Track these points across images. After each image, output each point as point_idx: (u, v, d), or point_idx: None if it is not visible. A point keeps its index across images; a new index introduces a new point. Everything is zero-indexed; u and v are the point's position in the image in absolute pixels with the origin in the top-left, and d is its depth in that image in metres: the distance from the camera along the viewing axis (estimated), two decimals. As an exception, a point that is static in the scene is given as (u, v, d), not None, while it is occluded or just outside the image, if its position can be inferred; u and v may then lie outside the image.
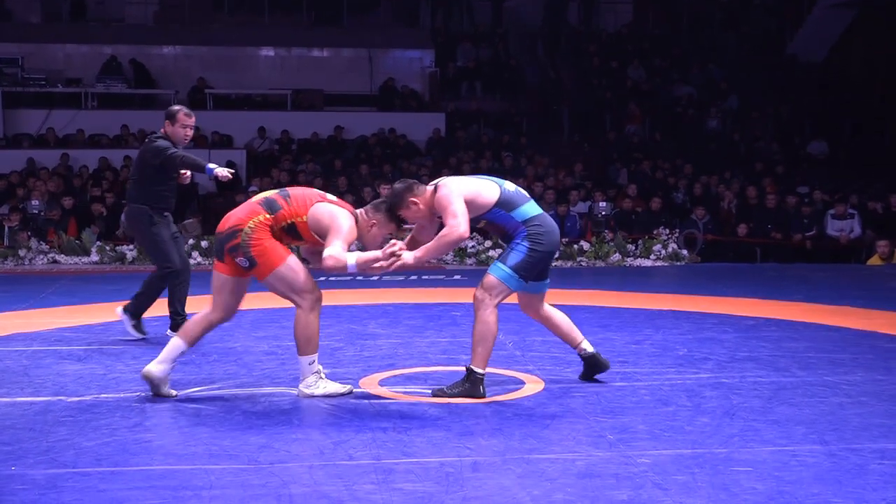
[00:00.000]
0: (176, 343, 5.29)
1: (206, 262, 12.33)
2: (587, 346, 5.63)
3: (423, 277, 10.78)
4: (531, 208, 5.33)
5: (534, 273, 5.30)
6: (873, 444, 4.40)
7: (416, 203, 5.24)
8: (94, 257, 12.35)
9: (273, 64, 21.12)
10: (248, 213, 5.15)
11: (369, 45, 20.81)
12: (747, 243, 13.96)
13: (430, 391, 5.38)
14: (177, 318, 6.95)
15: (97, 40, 20.41)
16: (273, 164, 16.96)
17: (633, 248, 12.94)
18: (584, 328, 7.30)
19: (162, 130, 7.02)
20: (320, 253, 5.16)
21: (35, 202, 13.83)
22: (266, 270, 5.10)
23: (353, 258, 5.00)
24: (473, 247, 12.54)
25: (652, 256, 12.73)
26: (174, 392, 5.32)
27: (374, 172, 16.34)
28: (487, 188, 5.28)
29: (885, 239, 12.90)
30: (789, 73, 21.30)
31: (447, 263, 12.33)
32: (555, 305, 5.78)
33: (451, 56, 21.25)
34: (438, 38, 21.60)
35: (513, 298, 5.46)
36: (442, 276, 11.01)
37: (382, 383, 5.62)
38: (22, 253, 12.35)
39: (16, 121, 18.59)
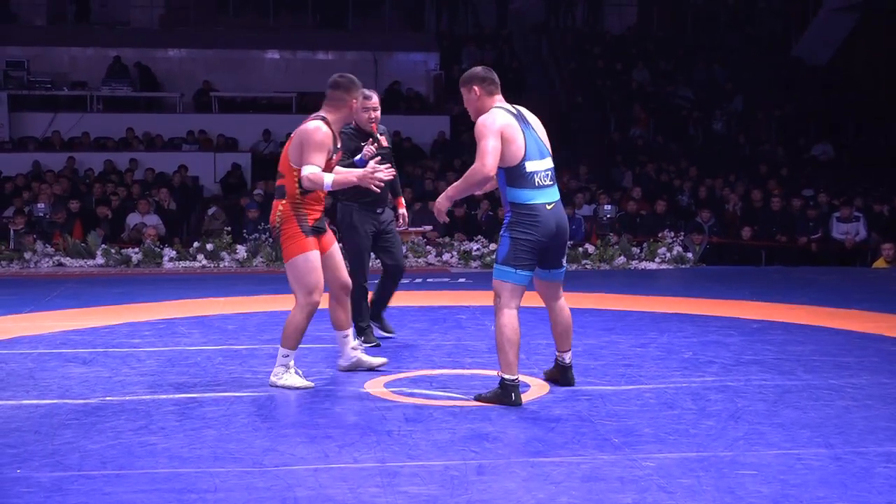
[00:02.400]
0: (340, 336, 5.89)
1: (212, 266, 12.35)
2: (567, 358, 5.60)
3: (429, 280, 10.79)
4: (530, 195, 5.20)
5: (530, 261, 5.22)
6: (879, 448, 4.40)
7: (476, 94, 5.31)
8: (100, 260, 12.35)
9: (278, 67, 21.15)
10: (273, 212, 5.55)
11: (374, 48, 20.84)
12: (752, 246, 13.95)
13: (435, 394, 5.39)
14: (378, 309, 7.01)
15: (102, 43, 20.47)
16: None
17: (638, 250, 12.92)
18: (589, 331, 7.33)
19: (353, 123, 6.57)
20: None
21: (41, 205, 13.84)
22: (286, 256, 5.47)
23: (329, 178, 5.32)
24: (478, 250, 12.52)
25: (657, 259, 12.71)
26: (376, 362, 5.98)
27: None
28: (518, 145, 5.17)
29: (891, 242, 12.86)
30: (794, 76, 21.31)
31: (452, 266, 12.31)
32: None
33: (456, 58, 21.26)
34: (443, 40, 21.62)
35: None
36: (447, 279, 11.00)
37: (388, 386, 5.62)
38: (27, 256, 12.36)
39: (22, 124, 18.63)
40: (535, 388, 5.54)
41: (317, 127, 5.39)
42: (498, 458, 4.27)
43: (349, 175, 5.46)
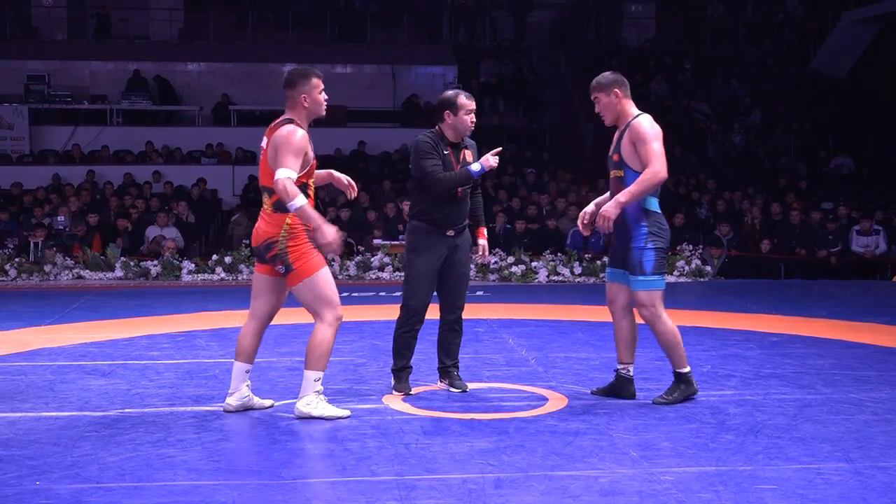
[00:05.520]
0: (237, 367, 5.30)
1: (230, 278, 12.39)
2: (631, 370, 5.68)
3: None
4: (657, 203, 5.41)
5: (665, 266, 5.45)
6: (900, 463, 4.37)
7: (618, 96, 5.38)
8: (119, 273, 12.42)
9: (296, 80, 21.19)
10: (273, 225, 5.04)
11: (392, 62, 20.89)
12: (771, 259, 13.89)
13: (453, 406, 5.38)
14: (445, 364, 5.98)
15: (122, 57, 20.61)
16: (296, 179, 17.01)
17: (657, 263, 12.88)
18: (607, 344, 7.28)
19: (437, 128, 5.72)
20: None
21: (61, 218, 13.94)
22: (301, 275, 5.01)
23: (301, 201, 4.80)
24: (496, 262, 12.51)
25: (675, 272, 12.68)
26: (266, 402, 5.41)
27: (397, 188, 16.38)
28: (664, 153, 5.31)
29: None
30: (813, 88, 21.24)
31: (470, 280, 12.30)
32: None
33: (474, 72, 21.30)
34: (461, 53, 21.67)
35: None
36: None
37: (406, 399, 5.61)
38: (47, 268, 12.45)
39: (42, 137, 18.77)
40: (553, 402, 5.52)
41: (291, 130, 4.97)
42: (516, 471, 4.25)
43: (316, 218, 4.88)
